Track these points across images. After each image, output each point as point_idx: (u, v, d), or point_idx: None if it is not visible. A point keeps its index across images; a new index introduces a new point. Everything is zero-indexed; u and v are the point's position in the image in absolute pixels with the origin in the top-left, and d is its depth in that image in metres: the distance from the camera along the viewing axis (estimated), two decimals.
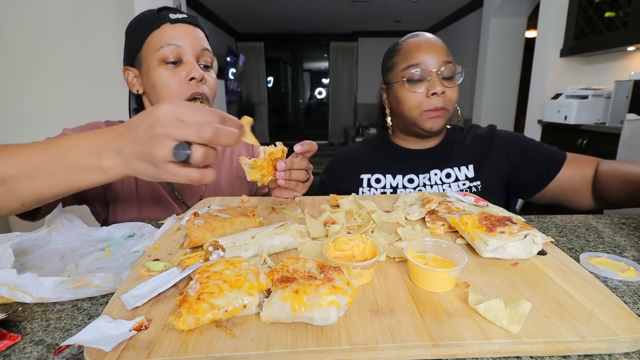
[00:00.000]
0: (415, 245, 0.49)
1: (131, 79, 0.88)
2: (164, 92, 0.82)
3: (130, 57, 0.87)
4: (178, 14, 0.83)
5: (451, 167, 0.98)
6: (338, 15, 6.44)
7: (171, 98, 0.81)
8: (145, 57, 0.83)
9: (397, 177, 0.99)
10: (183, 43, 0.81)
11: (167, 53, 0.80)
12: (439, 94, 0.90)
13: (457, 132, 1.06)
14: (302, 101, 8.97)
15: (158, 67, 0.81)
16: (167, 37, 0.81)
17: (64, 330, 0.42)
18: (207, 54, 0.86)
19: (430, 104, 0.91)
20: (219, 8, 5.77)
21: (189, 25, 0.84)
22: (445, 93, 0.91)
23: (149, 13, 0.84)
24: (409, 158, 1.02)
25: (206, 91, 0.84)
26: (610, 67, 2.91)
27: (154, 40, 0.81)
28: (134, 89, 0.88)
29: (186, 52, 0.82)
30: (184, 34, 0.82)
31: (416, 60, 0.91)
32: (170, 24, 0.82)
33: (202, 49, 0.84)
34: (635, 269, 0.53)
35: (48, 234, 0.63)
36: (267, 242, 0.53)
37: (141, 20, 0.85)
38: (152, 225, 0.71)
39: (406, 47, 0.95)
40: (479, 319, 0.38)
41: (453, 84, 0.93)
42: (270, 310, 0.37)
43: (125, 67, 0.88)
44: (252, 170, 0.66)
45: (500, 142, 0.99)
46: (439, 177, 0.98)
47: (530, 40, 3.89)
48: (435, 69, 0.90)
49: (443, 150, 1.02)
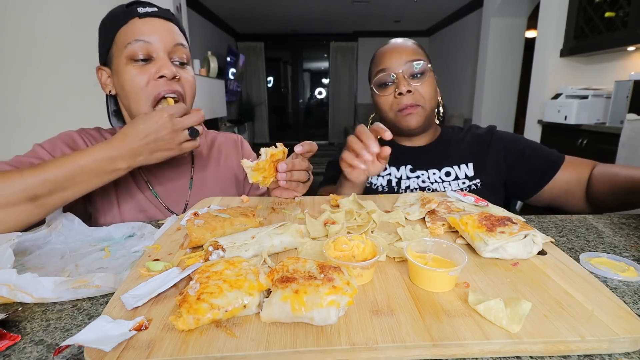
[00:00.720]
0: (415, 245, 0.49)
1: (104, 79, 0.83)
2: (132, 92, 0.76)
3: (102, 56, 0.82)
4: (147, 8, 0.77)
5: (450, 165, 0.99)
6: (338, 15, 6.44)
7: (138, 98, 0.76)
8: (115, 55, 0.77)
9: (401, 168, 1.02)
10: (152, 39, 0.75)
11: (135, 49, 0.74)
12: (404, 93, 0.93)
13: (455, 131, 1.07)
14: (302, 101, 8.97)
15: (126, 66, 0.76)
16: (135, 33, 0.75)
17: (64, 330, 0.42)
18: (181, 49, 0.79)
19: (400, 103, 0.95)
20: (219, 8, 5.76)
21: (160, 19, 0.78)
22: (415, 90, 0.94)
23: (119, 9, 0.78)
24: (408, 154, 1.04)
25: (179, 89, 0.79)
26: (610, 67, 2.91)
27: (122, 37, 0.76)
28: (107, 90, 0.83)
29: (157, 48, 0.76)
30: (153, 29, 0.76)
31: (382, 65, 0.96)
32: (139, 18, 0.75)
33: (174, 45, 0.78)
34: (635, 269, 0.53)
35: (48, 234, 0.63)
36: (267, 242, 0.53)
37: (110, 17, 0.79)
38: (152, 225, 0.71)
39: (376, 56, 1.01)
40: (479, 319, 0.38)
41: (421, 81, 0.95)
42: (270, 310, 0.37)
43: (98, 66, 0.83)
44: (254, 173, 0.66)
45: (500, 142, 1.00)
46: (438, 176, 0.99)
47: (530, 40, 3.89)
48: (400, 70, 0.93)
49: (441, 148, 1.04)
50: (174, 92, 0.78)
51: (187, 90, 0.81)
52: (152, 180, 0.88)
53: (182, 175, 0.91)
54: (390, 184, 1.01)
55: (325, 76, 8.99)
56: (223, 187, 0.96)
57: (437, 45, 7.12)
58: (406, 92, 0.93)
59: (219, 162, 0.98)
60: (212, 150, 0.99)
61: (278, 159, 0.69)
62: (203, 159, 0.96)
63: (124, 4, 0.79)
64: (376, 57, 1.00)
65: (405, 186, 1.00)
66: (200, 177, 0.93)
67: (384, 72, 0.95)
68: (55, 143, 0.80)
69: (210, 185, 0.94)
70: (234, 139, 1.04)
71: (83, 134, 0.86)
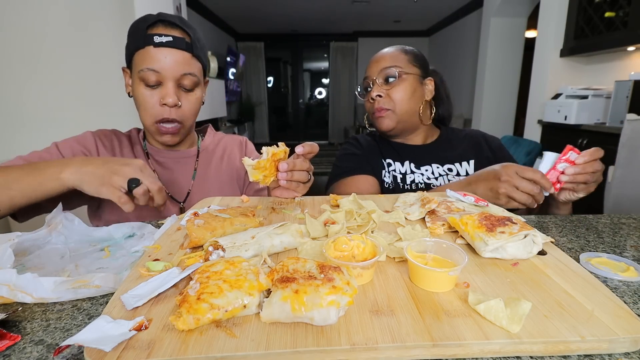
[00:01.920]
0: (415, 245, 0.49)
1: (127, 81, 0.91)
2: (141, 109, 0.87)
3: (127, 61, 0.89)
4: (163, 37, 0.82)
5: (452, 162, 1.05)
6: (338, 15, 6.44)
7: (146, 117, 0.87)
8: (134, 67, 0.86)
9: (405, 163, 1.06)
10: (162, 68, 0.82)
11: (147, 76, 0.83)
12: (374, 98, 1.02)
13: (455, 132, 1.14)
14: (302, 101, 8.96)
15: (139, 85, 0.85)
16: (148, 61, 0.82)
17: (64, 330, 0.42)
18: (189, 78, 0.86)
19: (372, 108, 1.05)
20: (219, 8, 5.76)
21: (173, 49, 0.83)
22: (386, 94, 1.02)
23: (142, 25, 0.84)
24: (410, 151, 1.08)
25: (180, 117, 0.87)
26: (610, 67, 2.91)
27: (137, 59, 0.84)
28: (127, 90, 0.91)
29: (165, 77, 0.83)
30: (164, 59, 0.82)
31: (366, 73, 1.07)
32: (154, 47, 0.82)
33: (182, 75, 0.85)
34: (635, 269, 0.53)
35: (48, 234, 0.63)
36: (267, 242, 0.53)
37: (135, 29, 0.85)
38: (152, 225, 0.71)
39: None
40: (479, 319, 0.38)
41: (392, 86, 1.01)
42: (270, 310, 0.37)
43: (124, 67, 0.92)
44: (255, 171, 0.66)
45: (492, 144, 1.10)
46: (441, 170, 1.04)
47: (530, 40, 3.90)
48: (375, 77, 1.03)
49: (443, 147, 1.09)
50: (173, 120, 0.87)
51: (186, 116, 0.90)
52: (159, 169, 0.95)
53: (186, 167, 0.98)
54: (396, 180, 1.03)
55: (325, 76, 8.98)
56: (224, 182, 1.01)
57: (437, 45, 7.12)
58: (376, 97, 1.02)
59: (223, 159, 1.03)
60: (217, 147, 1.05)
61: (279, 158, 0.69)
62: (208, 154, 1.03)
63: (151, 16, 0.86)
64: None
65: (410, 181, 1.03)
66: (204, 170, 1.00)
67: (365, 80, 1.06)
68: (70, 143, 0.88)
69: (212, 179, 0.99)
70: (239, 140, 1.10)
71: (98, 135, 0.93)
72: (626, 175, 1.76)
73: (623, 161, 1.77)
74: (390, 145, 1.09)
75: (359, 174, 1.01)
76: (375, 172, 1.03)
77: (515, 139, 2.65)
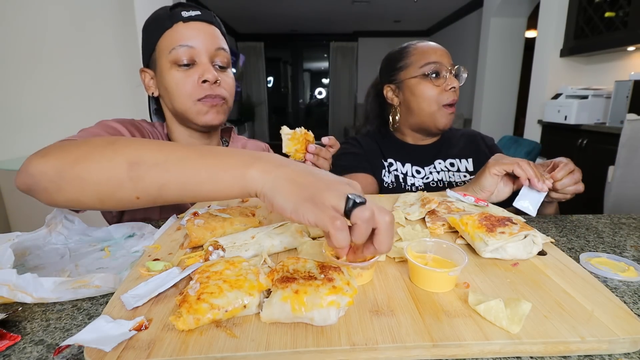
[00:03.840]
0: (415, 245, 0.49)
1: (147, 81, 0.86)
2: (176, 95, 0.79)
3: (145, 58, 0.84)
4: (192, 11, 0.78)
5: (453, 158, 1.07)
6: (338, 15, 6.44)
7: (184, 100, 0.79)
8: (158, 58, 0.80)
9: (406, 165, 1.06)
10: (196, 43, 0.77)
11: (179, 55, 0.76)
12: (455, 87, 0.97)
13: (453, 131, 1.16)
14: (302, 101, 8.96)
15: (170, 70, 0.78)
16: (180, 38, 0.76)
17: (64, 330, 0.42)
18: (223, 53, 0.81)
19: (445, 98, 0.97)
20: (219, 8, 5.76)
21: (204, 23, 0.79)
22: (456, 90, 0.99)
23: (162, 11, 0.80)
24: (412, 152, 1.08)
25: (223, 93, 0.81)
26: (610, 67, 2.91)
27: (166, 41, 0.78)
28: (150, 91, 0.86)
29: (200, 52, 0.78)
30: (197, 33, 0.77)
31: (431, 59, 0.98)
32: (183, 22, 0.77)
33: (216, 49, 0.79)
34: (635, 269, 0.53)
35: (48, 234, 0.63)
36: (267, 242, 0.53)
37: (154, 19, 0.81)
38: (152, 226, 0.71)
39: (418, 48, 1.01)
40: (479, 320, 0.38)
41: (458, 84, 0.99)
42: (270, 310, 0.37)
43: (142, 68, 0.86)
44: (290, 142, 0.71)
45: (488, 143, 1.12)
46: (444, 165, 1.06)
47: (530, 40, 3.89)
48: (449, 67, 0.97)
49: (445, 145, 1.10)
50: (217, 95, 0.79)
51: (229, 93, 0.83)
52: None
53: None
54: (398, 179, 1.04)
55: (325, 76, 8.98)
56: None
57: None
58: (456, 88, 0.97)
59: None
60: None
61: (309, 140, 0.74)
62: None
63: (167, 5, 0.80)
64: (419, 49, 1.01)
65: (411, 183, 1.03)
66: None
67: (436, 64, 0.97)
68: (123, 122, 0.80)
69: None
70: (262, 146, 1.06)
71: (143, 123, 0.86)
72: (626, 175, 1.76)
73: (623, 161, 1.77)
74: (392, 145, 1.09)
75: (357, 172, 1.00)
76: (375, 172, 1.03)
77: (515, 139, 2.65)
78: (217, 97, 0.80)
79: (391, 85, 1.06)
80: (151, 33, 0.80)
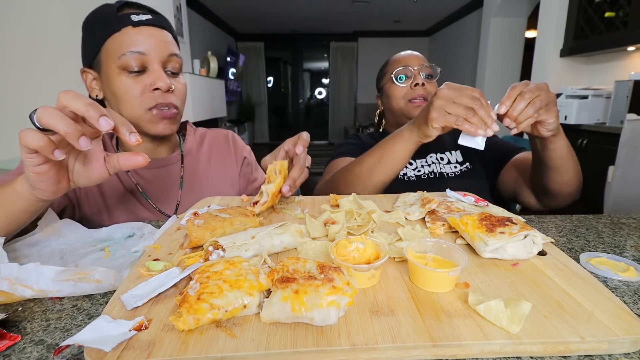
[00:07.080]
0: (416, 245, 0.49)
1: (90, 82, 0.81)
2: (125, 101, 0.75)
3: (88, 59, 0.79)
4: (142, 15, 0.74)
5: (443, 152, 1.14)
6: (338, 15, 6.44)
7: (133, 107, 0.76)
8: (105, 61, 0.75)
9: None
10: (147, 50, 0.73)
11: (129, 61, 0.72)
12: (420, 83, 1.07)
13: None
14: (302, 101, 8.96)
15: (119, 75, 0.74)
16: (130, 44, 0.72)
17: (64, 330, 0.42)
18: (175, 59, 0.78)
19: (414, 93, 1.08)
20: (219, 8, 5.76)
21: (155, 28, 0.75)
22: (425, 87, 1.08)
23: (108, 10, 0.75)
24: None
25: (174, 101, 0.78)
26: (610, 67, 2.91)
27: (114, 45, 0.73)
28: (93, 94, 0.81)
29: (151, 59, 0.74)
30: (148, 40, 0.73)
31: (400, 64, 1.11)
32: (133, 27, 0.73)
33: (168, 55, 0.76)
34: (635, 269, 0.53)
35: (46, 237, 0.62)
36: (267, 242, 0.53)
37: (100, 18, 0.76)
38: (152, 226, 0.71)
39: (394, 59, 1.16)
40: (479, 320, 0.38)
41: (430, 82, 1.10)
42: (270, 310, 0.37)
43: (83, 69, 0.81)
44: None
45: None
46: (435, 158, 1.12)
47: (530, 40, 3.90)
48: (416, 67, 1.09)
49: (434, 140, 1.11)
50: (170, 104, 0.77)
51: (181, 101, 0.81)
52: (142, 182, 0.85)
53: (171, 176, 0.89)
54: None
55: (325, 76, 8.98)
56: (214, 185, 0.93)
57: (437, 45, 7.11)
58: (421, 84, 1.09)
59: (210, 161, 0.95)
60: (202, 148, 0.96)
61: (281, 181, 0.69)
62: (192, 157, 0.93)
63: (110, 3, 0.76)
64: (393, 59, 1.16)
65: (403, 173, 1.09)
66: (191, 176, 0.91)
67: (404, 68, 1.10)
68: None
69: (201, 184, 0.91)
70: (224, 134, 1.01)
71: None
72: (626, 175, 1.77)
73: (623, 161, 1.77)
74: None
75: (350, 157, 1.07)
76: None
77: (515, 138, 2.65)
78: (170, 105, 0.78)
79: (378, 94, 1.24)
80: (95, 33, 0.76)
